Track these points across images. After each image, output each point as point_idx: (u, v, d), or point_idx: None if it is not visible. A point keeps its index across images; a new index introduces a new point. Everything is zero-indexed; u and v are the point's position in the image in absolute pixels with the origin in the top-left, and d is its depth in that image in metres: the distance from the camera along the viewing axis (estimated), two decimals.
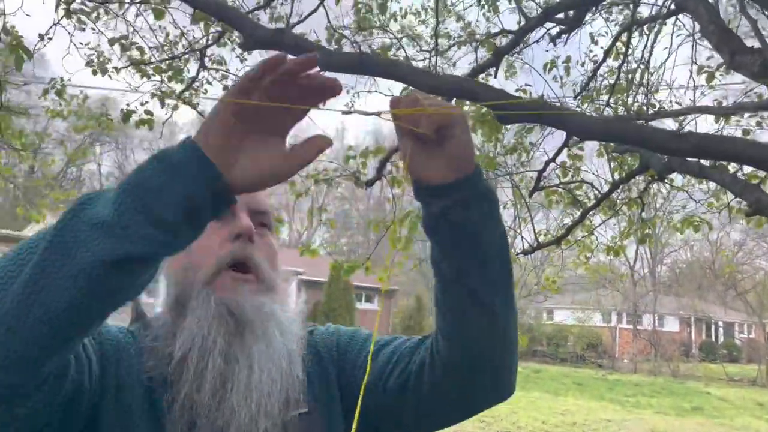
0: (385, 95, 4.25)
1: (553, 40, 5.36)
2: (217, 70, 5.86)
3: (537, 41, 4.97)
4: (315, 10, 3.95)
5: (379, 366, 1.02)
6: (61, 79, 4.88)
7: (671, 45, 5.42)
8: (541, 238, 6.04)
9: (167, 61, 4.93)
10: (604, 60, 4.88)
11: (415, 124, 0.77)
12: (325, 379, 1.05)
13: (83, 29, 4.86)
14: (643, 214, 5.90)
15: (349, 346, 1.08)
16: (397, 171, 4.23)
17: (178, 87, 5.13)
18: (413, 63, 6.11)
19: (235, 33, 5.10)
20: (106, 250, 0.65)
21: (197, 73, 4.90)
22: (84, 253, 0.65)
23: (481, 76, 4.17)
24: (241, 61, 5.80)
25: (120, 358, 0.93)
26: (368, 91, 5.03)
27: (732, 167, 3.52)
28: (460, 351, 0.92)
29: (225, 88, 6.18)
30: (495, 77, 4.24)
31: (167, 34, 5.70)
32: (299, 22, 4.10)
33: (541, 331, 30.61)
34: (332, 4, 4.42)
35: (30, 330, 0.66)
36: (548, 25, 5.28)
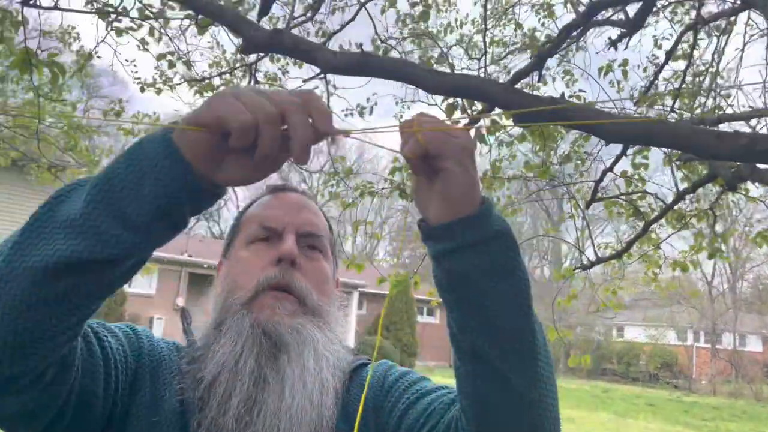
0: (428, 104, 4.14)
1: (614, 44, 5.10)
2: (270, 86, 5.92)
3: (579, 44, 4.70)
4: (352, 19, 3.90)
5: (412, 418, 0.93)
6: (120, 100, 5.04)
7: (743, 45, 5.06)
8: (603, 252, 5.74)
9: (220, 76, 4.99)
10: (666, 62, 4.58)
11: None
12: (363, 419, 0.96)
13: (146, 49, 5.01)
14: (716, 227, 5.51)
15: (392, 389, 1.00)
16: None
17: None
18: (466, 73, 5.98)
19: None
20: (70, 249, 0.62)
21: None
22: (47, 249, 0.63)
23: (526, 81, 3.99)
24: (303, 81, 5.85)
25: (158, 375, 0.94)
26: (412, 101, 4.93)
27: None
28: (474, 420, 0.79)
29: None
30: (538, 81, 4.04)
31: (221, 48, 5.81)
32: (336, 31, 4.06)
33: (610, 349, 29.48)
34: (377, 14, 4.37)
35: None
36: (606, 27, 5.04)
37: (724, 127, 3.66)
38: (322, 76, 3.50)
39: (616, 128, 1.72)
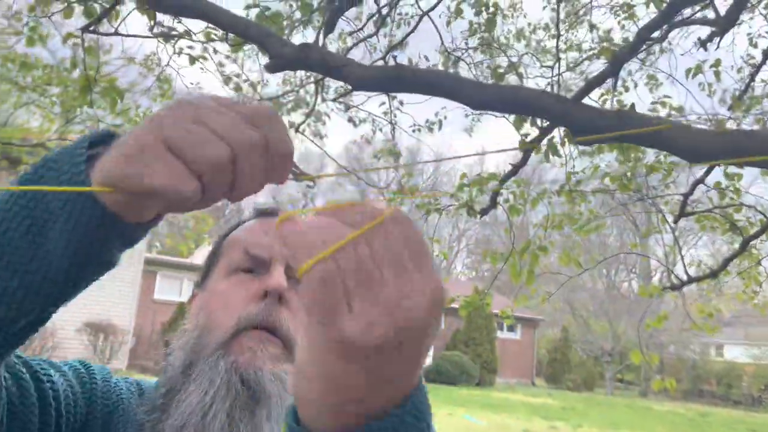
0: (496, 116, 3.93)
1: (704, 44, 4.71)
2: (341, 102, 5.90)
3: (658, 44, 4.34)
4: (413, 30, 3.76)
5: None
6: None
7: None
8: (696, 269, 5.29)
9: (287, 93, 5.01)
10: (764, 62, 4.15)
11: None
12: None
13: (208, 70, 5.11)
14: None
15: None
16: (515, 199, 3.88)
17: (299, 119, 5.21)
18: (539, 82, 5.69)
19: None
20: None
21: (313, 105, 4.92)
22: None
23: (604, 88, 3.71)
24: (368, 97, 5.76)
25: (111, 422, 0.81)
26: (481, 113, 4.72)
27: None
28: None
29: (350, 120, 6.21)
30: (615, 89, 3.73)
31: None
32: (395, 45, 3.93)
33: (708, 369, 27.65)
34: (443, 25, 4.22)
35: None
36: (694, 27, 4.65)
37: None
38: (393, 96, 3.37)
39: (697, 144, 1.48)
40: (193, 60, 4.26)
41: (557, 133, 3.28)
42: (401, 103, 5.22)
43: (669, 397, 26.15)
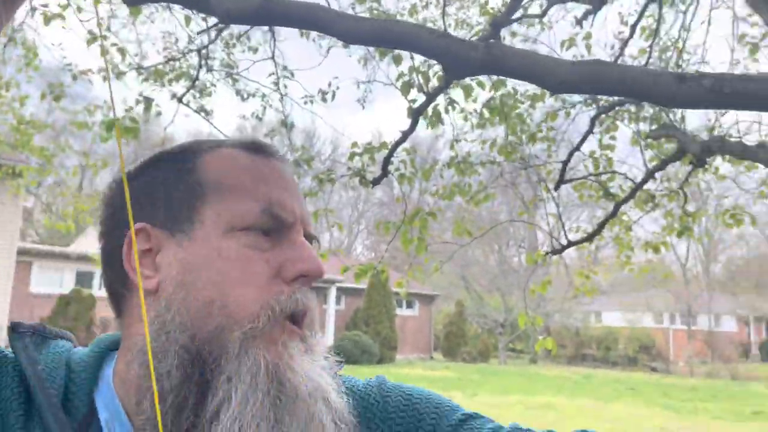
0: (384, 83, 3.92)
1: (579, 21, 4.97)
2: (227, 74, 5.66)
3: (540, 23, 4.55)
4: None
5: None
6: (60, 84, 4.76)
7: (709, 20, 4.96)
8: (576, 237, 5.62)
9: (168, 63, 4.74)
10: (631, 35, 4.44)
11: None
12: None
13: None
14: (687, 206, 5.43)
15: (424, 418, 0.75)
16: (405, 168, 3.92)
17: (181, 90, 4.94)
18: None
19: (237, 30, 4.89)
20: None
21: (197, 75, 4.69)
22: None
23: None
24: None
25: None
26: (370, 81, 4.69)
27: None
28: None
29: (238, 93, 5.98)
30: None
31: (174, 38, 5.54)
32: None
33: (589, 335, 29.76)
34: None
35: None
36: (572, 5, 4.89)
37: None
38: (271, 57, 3.26)
39: (558, 74, 1.53)
40: (47, 19, 3.92)
41: (441, 100, 3.34)
42: (291, 74, 5.10)
43: (556, 363, 27.95)
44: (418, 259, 5.27)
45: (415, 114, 3.17)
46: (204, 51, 4.70)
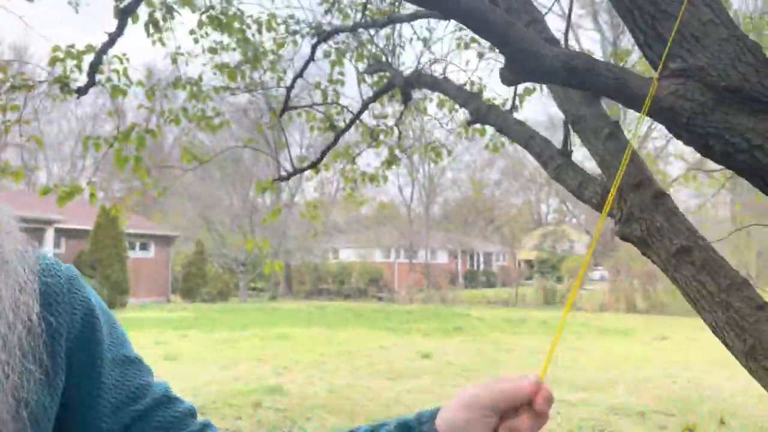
0: None
1: None
2: None
3: None
4: None
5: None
6: None
7: None
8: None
9: None
10: None
11: None
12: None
13: None
14: (402, 143, 6.04)
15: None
16: (119, 78, 3.59)
17: None
18: None
19: None
20: None
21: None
22: None
23: None
24: None
25: None
26: None
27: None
28: None
29: None
30: None
31: None
32: None
33: (327, 270, 31.64)
34: None
35: None
36: None
37: None
38: None
39: None
40: None
41: (159, 6, 3.12)
42: None
43: (294, 299, 29.26)
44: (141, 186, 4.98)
45: (122, 14, 2.92)
46: None
